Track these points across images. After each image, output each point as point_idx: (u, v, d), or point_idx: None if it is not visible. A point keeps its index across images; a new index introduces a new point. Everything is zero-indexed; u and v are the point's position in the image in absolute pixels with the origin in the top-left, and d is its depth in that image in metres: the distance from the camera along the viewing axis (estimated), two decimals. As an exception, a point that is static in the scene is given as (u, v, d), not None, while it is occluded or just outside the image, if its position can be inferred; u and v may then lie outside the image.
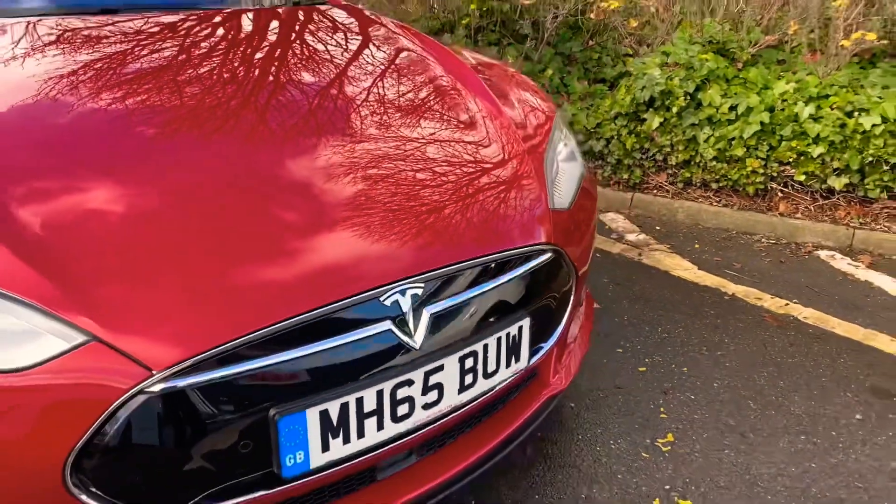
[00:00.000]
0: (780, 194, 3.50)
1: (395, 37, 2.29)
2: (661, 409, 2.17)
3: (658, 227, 3.58)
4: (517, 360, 1.50)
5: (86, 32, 1.92)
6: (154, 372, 1.08)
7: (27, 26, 1.89)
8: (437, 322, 1.33)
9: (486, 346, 1.41)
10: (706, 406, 2.19)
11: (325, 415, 1.20)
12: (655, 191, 3.77)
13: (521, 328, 1.48)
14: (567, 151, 1.97)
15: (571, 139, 2.06)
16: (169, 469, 1.14)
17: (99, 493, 1.11)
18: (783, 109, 3.36)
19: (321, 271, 1.28)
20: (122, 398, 1.07)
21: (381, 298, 1.26)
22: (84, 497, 1.10)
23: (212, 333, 1.13)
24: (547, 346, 1.65)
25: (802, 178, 3.38)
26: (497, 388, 1.52)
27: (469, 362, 1.39)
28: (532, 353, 1.58)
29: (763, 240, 3.43)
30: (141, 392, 1.08)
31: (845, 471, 1.92)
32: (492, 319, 1.43)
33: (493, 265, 1.45)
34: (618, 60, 4.45)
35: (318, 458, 1.23)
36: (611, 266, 3.14)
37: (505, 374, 1.49)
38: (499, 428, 1.63)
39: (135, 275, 1.17)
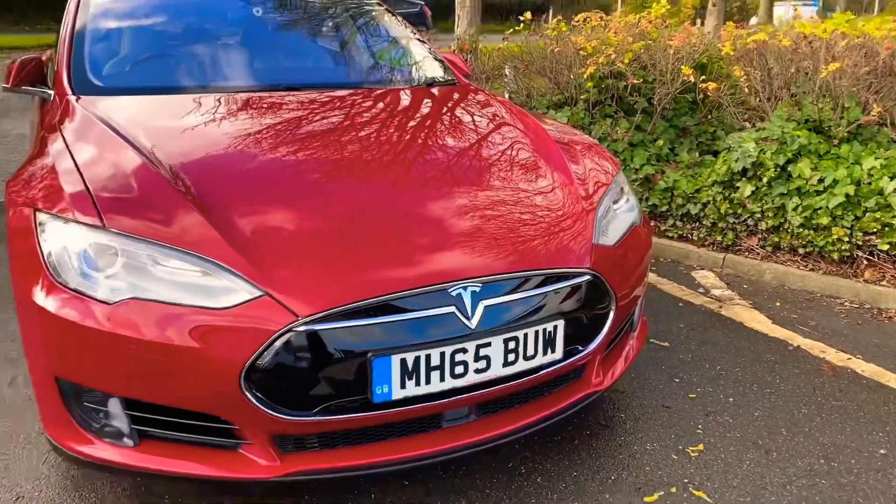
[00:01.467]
0: (865, 262, 3.71)
1: (505, 116, 2.92)
2: (699, 427, 2.54)
3: (745, 286, 3.89)
4: (552, 351, 2.01)
5: (272, 102, 2.72)
6: (299, 318, 1.73)
7: (230, 98, 2.71)
8: (489, 312, 1.88)
9: (525, 335, 1.94)
10: (741, 428, 2.54)
11: (403, 362, 1.79)
12: (747, 253, 4.08)
13: (556, 327, 1.99)
14: (627, 205, 2.49)
15: (632, 195, 2.57)
16: (302, 384, 1.77)
17: (259, 395, 1.76)
18: (869, 183, 3.62)
19: (412, 269, 1.90)
20: (278, 332, 1.72)
21: (449, 290, 1.85)
22: (249, 396, 1.75)
23: (337, 298, 1.77)
24: (585, 350, 2.14)
25: (886, 247, 3.59)
26: (541, 373, 2.03)
27: (511, 344, 1.92)
28: (570, 352, 2.08)
29: (846, 303, 3.64)
30: (290, 330, 1.73)
31: (851, 489, 2.22)
32: (532, 317, 1.96)
33: (539, 278, 1.99)
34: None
35: (397, 393, 1.81)
36: (690, 314, 3.51)
37: (542, 361, 2.00)
38: (542, 408, 2.14)
39: (296, 261, 1.86)
